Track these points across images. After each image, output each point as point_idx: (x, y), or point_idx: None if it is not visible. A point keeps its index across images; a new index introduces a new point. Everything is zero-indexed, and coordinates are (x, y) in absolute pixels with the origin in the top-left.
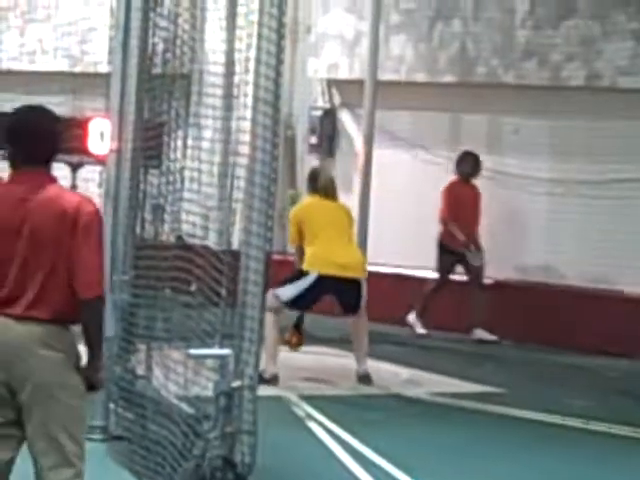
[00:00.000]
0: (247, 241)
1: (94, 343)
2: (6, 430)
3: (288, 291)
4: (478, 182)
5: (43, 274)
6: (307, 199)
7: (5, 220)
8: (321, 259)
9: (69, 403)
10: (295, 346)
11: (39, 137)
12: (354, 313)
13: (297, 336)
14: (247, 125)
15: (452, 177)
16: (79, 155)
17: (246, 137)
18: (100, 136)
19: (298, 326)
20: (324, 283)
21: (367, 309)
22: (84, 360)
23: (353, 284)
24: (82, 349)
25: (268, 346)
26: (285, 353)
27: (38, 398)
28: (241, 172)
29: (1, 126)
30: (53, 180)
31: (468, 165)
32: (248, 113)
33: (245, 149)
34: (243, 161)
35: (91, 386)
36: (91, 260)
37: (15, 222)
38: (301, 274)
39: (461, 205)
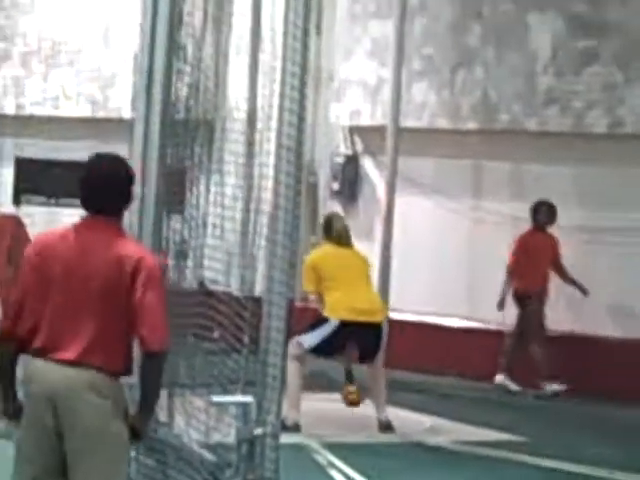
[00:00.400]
0: (269, 288)
1: (149, 395)
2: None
3: (310, 338)
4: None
5: (97, 322)
6: (322, 246)
7: (64, 264)
8: (342, 305)
9: (113, 451)
10: (354, 402)
11: (110, 187)
12: (371, 360)
13: (354, 391)
14: (270, 172)
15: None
16: None
17: (269, 184)
18: None
19: (350, 380)
20: (346, 329)
21: (388, 356)
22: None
23: (374, 329)
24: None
25: (290, 394)
26: (306, 402)
27: (83, 443)
28: (264, 219)
29: (55, 174)
30: (120, 230)
31: (543, 214)
32: (271, 160)
33: (268, 196)
34: (266, 208)
35: (134, 435)
36: (156, 313)
37: (73, 267)
38: (323, 321)
39: (535, 254)
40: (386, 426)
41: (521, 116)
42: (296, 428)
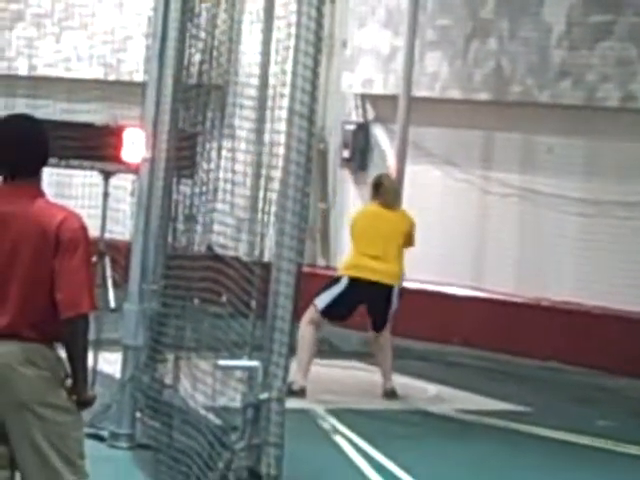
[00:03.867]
0: (279, 254)
1: (77, 361)
2: None
3: (323, 298)
4: (509, 200)
5: (24, 292)
6: (367, 206)
7: None
8: (354, 263)
9: (55, 420)
10: None
11: (22, 148)
12: (381, 327)
13: None
14: (281, 138)
15: (533, 200)
16: (112, 163)
17: (280, 150)
18: (132, 145)
19: None
20: (355, 288)
21: (395, 324)
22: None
23: (384, 291)
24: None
25: (301, 358)
26: (314, 367)
27: (22, 417)
28: (274, 184)
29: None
30: (39, 193)
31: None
32: (283, 126)
33: (279, 162)
34: (277, 174)
35: (82, 403)
36: (74, 278)
37: None
38: (335, 280)
39: None
40: (391, 394)
41: (534, 88)
42: (302, 393)
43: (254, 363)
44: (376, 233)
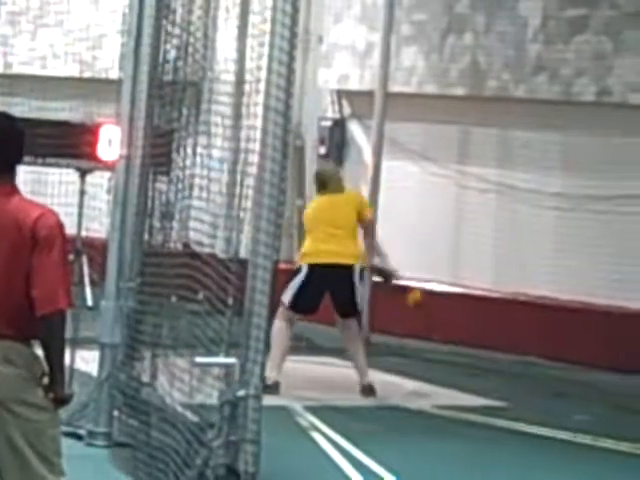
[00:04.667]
0: (255, 250)
1: (54, 359)
2: None
3: (288, 292)
4: (487, 196)
5: (2, 290)
6: (316, 199)
7: None
8: (309, 252)
9: (32, 418)
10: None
11: None
12: (350, 314)
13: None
14: (257, 134)
15: (509, 195)
16: (88, 161)
17: (256, 146)
18: (109, 142)
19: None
20: (316, 274)
21: (373, 320)
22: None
23: (344, 272)
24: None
25: (275, 355)
26: (289, 363)
27: (5, 416)
28: (250, 181)
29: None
30: (13, 190)
31: None
32: (258, 122)
33: (255, 158)
34: (252, 170)
35: (59, 401)
36: (50, 274)
37: None
38: (296, 272)
39: None
40: (368, 390)
41: (510, 83)
42: (276, 388)
43: (231, 360)
44: (327, 218)
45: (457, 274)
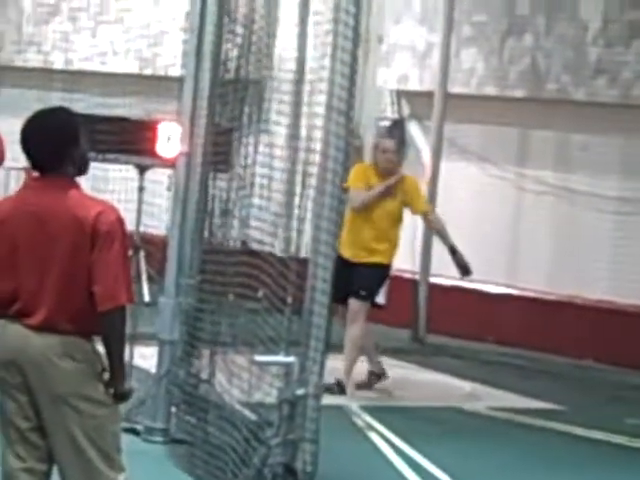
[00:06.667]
0: (315, 249)
1: (114, 355)
2: (34, 437)
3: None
4: (545, 198)
5: (62, 285)
6: None
7: (18, 230)
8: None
9: (93, 414)
10: None
11: (45, 140)
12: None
13: None
14: (319, 134)
15: (567, 198)
16: (147, 157)
17: (318, 146)
18: (167, 139)
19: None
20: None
21: (428, 320)
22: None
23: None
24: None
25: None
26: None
27: (59, 410)
28: (312, 180)
29: (102, 130)
30: (72, 187)
31: None
32: (320, 121)
33: (316, 158)
34: (314, 170)
35: (120, 396)
36: (111, 270)
37: (34, 232)
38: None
39: None
40: (378, 376)
41: (569, 86)
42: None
43: (291, 359)
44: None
45: (513, 276)
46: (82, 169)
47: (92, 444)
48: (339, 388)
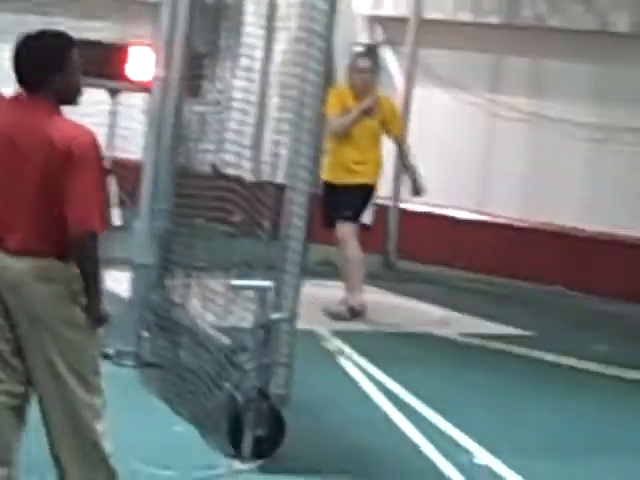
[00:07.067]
0: (293, 174)
1: (89, 279)
2: (14, 361)
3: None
4: (518, 125)
5: (35, 207)
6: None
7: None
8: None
9: (69, 337)
10: None
11: (29, 61)
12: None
13: None
14: (299, 58)
15: (540, 125)
16: (118, 81)
17: (296, 70)
18: (140, 63)
19: None
20: (330, 191)
21: (399, 246)
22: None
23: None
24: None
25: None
26: (315, 287)
27: (38, 332)
28: (291, 105)
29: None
30: (52, 108)
31: None
32: (299, 46)
33: (296, 82)
34: (293, 94)
35: (97, 320)
36: (83, 195)
37: (9, 151)
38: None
39: None
40: (356, 313)
41: (545, 12)
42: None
43: (266, 283)
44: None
45: (484, 202)
46: (69, 98)
47: (69, 367)
48: (351, 312)
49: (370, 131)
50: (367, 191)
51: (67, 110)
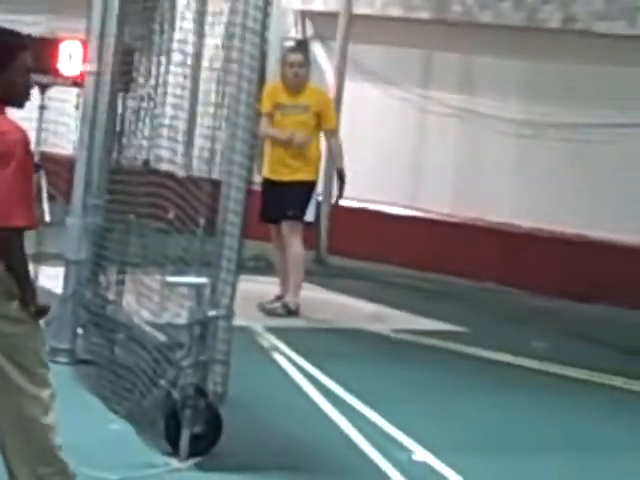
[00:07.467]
0: (229, 170)
1: (17, 274)
2: None
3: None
4: (449, 121)
5: None
6: None
7: None
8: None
9: (7, 332)
10: None
11: None
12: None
13: None
14: (233, 54)
15: (471, 120)
16: (48, 76)
17: (233, 66)
18: (70, 57)
19: None
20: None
21: (331, 242)
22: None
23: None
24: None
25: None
26: (249, 284)
27: None
28: (226, 101)
29: None
30: None
31: None
32: (235, 42)
33: (232, 78)
34: (229, 90)
35: (37, 312)
36: (7, 191)
37: None
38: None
39: None
40: (291, 311)
41: (474, 8)
42: (298, 311)
43: (203, 280)
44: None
45: (416, 198)
46: (13, 99)
47: (10, 360)
48: (286, 310)
49: (305, 126)
50: (308, 187)
51: None
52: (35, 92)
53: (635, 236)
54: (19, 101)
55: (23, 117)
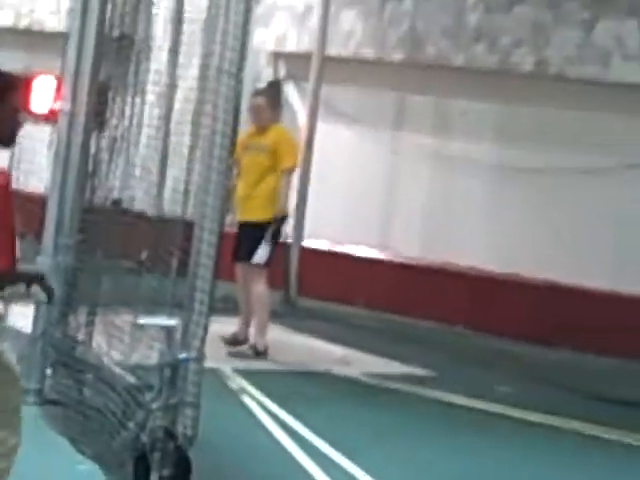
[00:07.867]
0: (202, 213)
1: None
2: None
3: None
4: (421, 164)
5: None
6: None
7: None
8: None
9: None
10: None
11: None
12: (244, 260)
13: None
14: (208, 96)
15: (444, 163)
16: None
17: (207, 108)
18: (44, 94)
19: None
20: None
21: (301, 284)
22: None
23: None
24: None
25: (267, 318)
26: (217, 325)
27: None
28: (200, 142)
29: None
30: None
31: None
32: (210, 84)
33: (207, 120)
34: (203, 132)
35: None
36: None
37: None
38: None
39: None
40: (259, 352)
41: (448, 51)
42: (266, 353)
43: (173, 321)
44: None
45: (386, 240)
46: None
47: None
48: (254, 351)
49: (259, 166)
50: (259, 229)
51: None
52: None
53: (601, 282)
54: (6, 141)
55: None
